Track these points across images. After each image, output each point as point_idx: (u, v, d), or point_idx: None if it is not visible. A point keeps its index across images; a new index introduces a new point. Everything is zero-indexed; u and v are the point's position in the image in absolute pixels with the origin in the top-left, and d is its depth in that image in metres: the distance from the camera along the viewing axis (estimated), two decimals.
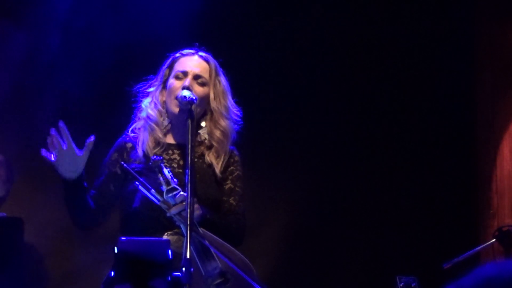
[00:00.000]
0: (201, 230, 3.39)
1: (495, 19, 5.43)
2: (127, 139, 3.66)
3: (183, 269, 3.04)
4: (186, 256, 3.07)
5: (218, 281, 3.37)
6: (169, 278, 3.13)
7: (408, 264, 5.01)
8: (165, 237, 3.46)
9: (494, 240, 4.46)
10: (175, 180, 3.39)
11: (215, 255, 3.38)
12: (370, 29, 5.47)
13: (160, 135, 3.62)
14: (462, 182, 5.47)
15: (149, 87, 3.70)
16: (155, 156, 3.42)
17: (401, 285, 3.83)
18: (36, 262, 4.81)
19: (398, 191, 5.39)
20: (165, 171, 3.37)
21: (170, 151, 3.63)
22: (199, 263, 3.34)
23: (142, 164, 3.57)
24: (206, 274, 3.36)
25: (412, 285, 3.82)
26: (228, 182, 3.68)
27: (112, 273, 3.22)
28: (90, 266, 4.77)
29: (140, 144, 3.60)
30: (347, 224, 5.36)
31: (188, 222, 3.13)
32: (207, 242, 3.37)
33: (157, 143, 3.62)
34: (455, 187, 5.45)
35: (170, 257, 3.20)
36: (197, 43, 3.73)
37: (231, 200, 3.65)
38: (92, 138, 3.45)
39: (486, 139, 5.41)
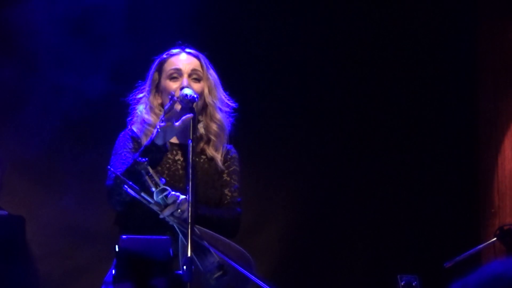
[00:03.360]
0: (195, 227, 3.38)
1: (496, 18, 5.43)
2: (133, 132, 3.64)
3: (184, 267, 3.04)
4: (187, 255, 3.07)
5: (217, 274, 3.37)
6: (170, 277, 3.14)
7: (409, 263, 5.01)
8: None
9: (495, 239, 4.46)
10: (163, 180, 3.37)
11: (211, 250, 3.37)
12: (371, 29, 5.46)
13: None
14: (463, 181, 5.47)
15: (140, 93, 3.69)
16: (140, 158, 3.40)
17: (402, 283, 3.83)
18: (37, 260, 4.81)
19: (399, 190, 5.39)
20: (152, 172, 3.35)
21: (174, 152, 3.63)
22: (196, 259, 3.34)
23: None
24: (205, 270, 3.36)
25: (413, 284, 3.82)
26: (224, 175, 3.67)
27: (114, 272, 3.22)
28: (91, 264, 4.77)
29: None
30: (348, 222, 5.36)
31: (189, 220, 3.13)
32: (203, 241, 3.36)
33: None
34: (457, 186, 5.45)
35: (171, 255, 3.21)
36: (180, 41, 3.72)
37: (226, 191, 3.65)
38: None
39: (488, 138, 5.41)
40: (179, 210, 3.34)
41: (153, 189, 3.34)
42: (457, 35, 5.50)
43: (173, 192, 3.36)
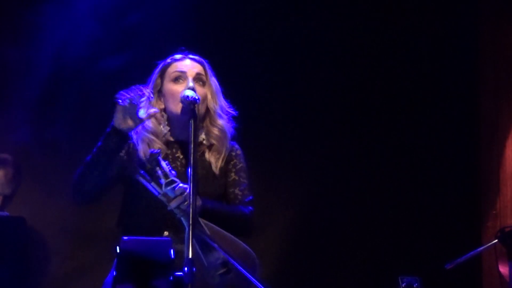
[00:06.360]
0: (202, 221, 3.38)
1: (498, 18, 5.42)
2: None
3: (185, 268, 3.04)
4: (188, 256, 3.07)
5: (221, 271, 3.37)
6: (171, 278, 3.14)
7: (410, 264, 5.01)
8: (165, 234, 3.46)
9: (496, 240, 4.45)
10: (173, 172, 3.38)
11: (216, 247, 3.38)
12: (372, 29, 5.46)
13: (160, 146, 3.59)
14: (465, 182, 5.47)
15: (141, 97, 3.68)
16: (152, 149, 3.40)
17: (403, 285, 3.83)
18: (38, 261, 4.82)
19: (401, 191, 5.39)
20: (163, 164, 3.36)
21: (174, 149, 3.63)
22: (201, 254, 3.34)
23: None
24: (209, 265, 3.36)
25: (415, 286, 3.82)
26: (232, 174, 3.68)
27: (114, 273, 3.22)
28: (92, 266, 4.78)
29: (142, 156, 3.57)
30: (349, 223, 5.36)
31: (191, 222, 3.12)
32: (207, 237, 3.35)
33: None
34: (458, 187, 5.45)
35: (172, 256, 3.20)
36: (183, 47, 3.72)
37: (236, 191, 3.67)
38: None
39: (489, 140, 5.41)
40: (186, 202, 3.35)
41: (162, 180, 3.34)
42: (459, 35, 5.50)
43: (181, 184, 3.37)
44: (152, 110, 3.50)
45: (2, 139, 4.89)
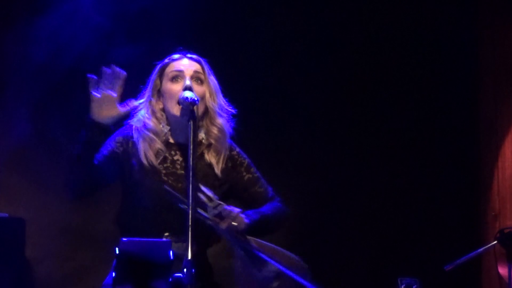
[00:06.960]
0: (249, 238, 3.42)
1: (498, 21, 5.42)
2: (129, 133, 3.63)
3: (185, 270, 3.04)
4: (188, 257, 3.07)
5: (275, 284, 3.39)
6: (170, 279, 3.14)
7: (410, 266, 5.02)
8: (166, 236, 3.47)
9: (495, 242, 4.45)
10: (216, 196, 3.42)
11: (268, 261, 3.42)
12: (373, 30, 5.46)
13: (160, 146, 3.60)
14: (464, 184, 5.46)
15: (140, 99, 3.68)
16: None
17: (402, 286, 3.82)
18: (37, 262, 4.82)
19: (400, 193, 5.39)
20: (204, 189, 3.40)
21: (172, 152, 3.62)
22: (255, 267, 3.36)
23: (143, 171, 3.55)
24: (263, 279, 3.38)
25: (414, 287, 3.82)
26: (244, 173, 3.70)
27: (113, 274, 3.22)
28: (91, 267, 4.78)
29: (142, 155, 3.58)
30: (349, 225, 5.36)
31: (190, 224, 3.12)
32: (256, 250, 3.39)
33: (158, 152, 3.60)
34: (457, 189, 5.45)
35: (172, 258, 3.21)
36: (181, 47, 3.72)
37: (257, 188, 3.70)
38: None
39: (488, 141, 5.41)
40: (234, 224, 3.38)
41: (208, 204, 3.37)
42: (458, 36, 5.50)
43: (226, 207, 3.42)
44: (132, 104, 3.52)
45: (2, 139, 4.89)
